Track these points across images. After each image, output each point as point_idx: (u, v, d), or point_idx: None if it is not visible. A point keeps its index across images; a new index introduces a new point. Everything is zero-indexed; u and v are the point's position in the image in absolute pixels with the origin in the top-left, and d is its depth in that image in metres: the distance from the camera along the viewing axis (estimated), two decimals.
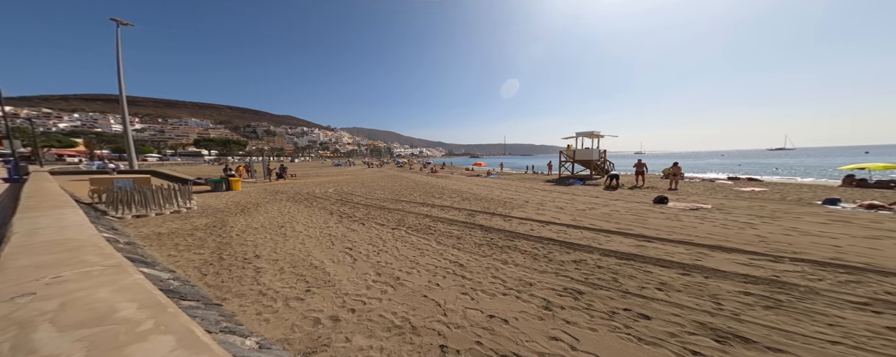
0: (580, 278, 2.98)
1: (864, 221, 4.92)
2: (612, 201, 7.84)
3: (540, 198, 8.69)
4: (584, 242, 4.18)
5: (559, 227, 5.17)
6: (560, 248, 4.02)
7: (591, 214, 6.14)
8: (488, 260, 3.57)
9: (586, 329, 2.04)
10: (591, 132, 16.23)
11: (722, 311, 2.18)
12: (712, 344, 1.77)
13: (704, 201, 7.42)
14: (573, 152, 16.55)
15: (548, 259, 3.60)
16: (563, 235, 4.59)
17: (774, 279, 2.71)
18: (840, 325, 1.96)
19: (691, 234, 4.40)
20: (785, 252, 3.44)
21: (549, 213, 6.34)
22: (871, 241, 3.83)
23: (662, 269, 3.09)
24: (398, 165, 39.33)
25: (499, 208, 7.08)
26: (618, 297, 2.52)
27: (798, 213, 5.67)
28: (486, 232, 4.94)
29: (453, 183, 14.08)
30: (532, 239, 4.47)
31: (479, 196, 9.20)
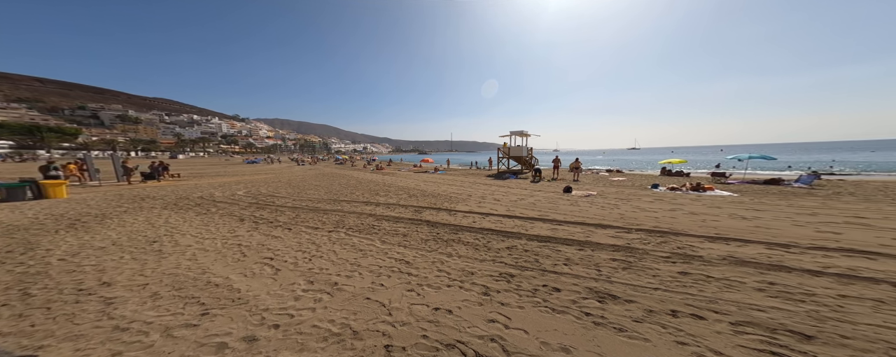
0: (512, 263, 3.39)
1: (669, 199, 7.36)
2: (536, 192, 9.14)
3: (481, 192, 9.36)
4: (515, 230, 4.83)
5: (496, 217, 5.79)
6: (497, 237, 4.50)
7: (520, 204, 7.04)
8: (434, 254, 3.67)
9: (516, 308, 2.36)
10: (521, 131, 18.75)
11: (601, 275, 2.90)
12: (596, 304, 2.34)
13: (593, 189, 9.60)
14: (508, 149, 18.78)
15: (487, 248, 3.94)
16: (499, 225, 5.17)
17: (627, 246, 3.78)
18: (658, 275, 2.91)
19: (585, 216, 5.65)
20: (632, 225, 4.85)
21: (489, 206, 6.95)
22: (672, 212, 5.76)
23: (567, 246, 3.88)
24: (338, 163, 35.46)
25: (445, 203, 7.30)
26: (538, 276, 3.01)
27: (639, 196, 7.98)
28: (432, 227, 5.03)
29: (400, 180, 13.69)
30: (474, 230, 4.82)
31: (426, 192, 9.24)
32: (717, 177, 12.42)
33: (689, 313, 2.09)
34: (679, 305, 2.21)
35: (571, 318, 2.17)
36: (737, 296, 2.36)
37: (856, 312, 2.08)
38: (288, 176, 15.73)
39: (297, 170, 22.25)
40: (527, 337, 1.95)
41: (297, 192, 9.43)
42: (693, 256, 3.30)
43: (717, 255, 3.32)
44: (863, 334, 1.83)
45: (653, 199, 7.39)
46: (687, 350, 1.68)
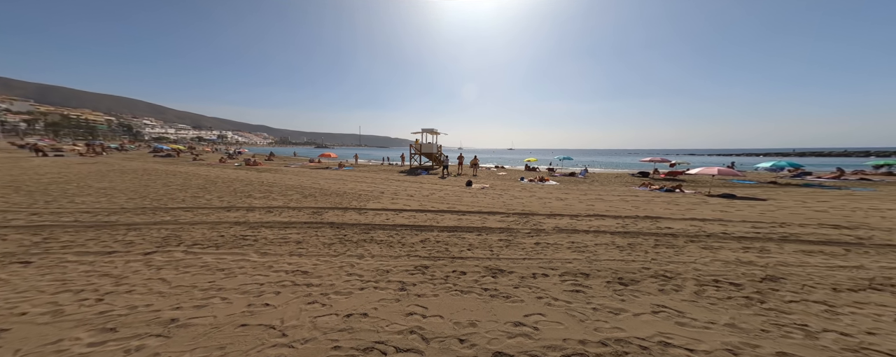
0: (425, 254, 3.59)
1: (529, 188, 10.04)
2: (445, 187, 9.94)
3: (395, 188, 9.20)
4: (428, 223, 5.14)
5: (410, 212, 5.91)
6: (411, 231, 4.62)
7: (432, 199, 7.48)
8: (342, 258, 3.35)
9: (431, 296, 2.55)
10: (432, 129, 19.72)
11: (493, 254, 3.62)
12: (491, 280, 2.91)
13: (487, 182, 11.62)
14: (420, 146, 19.30)
15: (401, 244, 3.97)
16: (413, 220, 5.32)
17: (508, 228, 4.94)
18: (524, 247, 3.96)
19: (482, 205, 6.79)
20: (510, 210, 6.32)
21: (402, 201, 6.98)
22: (530, 198, 7.91)
23: (469, 233, 4.57)
24: (158, 154, 24.02)
25: (353, 202, 6.71)
26: (448, 263, 3.36)
27: (513, 187, 10.42)
28: (337, 229, 4.53)
29: (288, 177, 11.25)
30: (387, 228, 4.73)
31: (328, 191, 8.13)
32: (551, 171, 18.52)
33: (542, 274, 3.02)
34: (536, 269, 3.14)
35: (475, 295, 2.59)
36: (560, 254, 3.63)
37: (602, 253, 3.81)
38: (16, 173, 9.34)
39: (40, 162, 13.79)
40: (442, 321, 2.17)
41: (50, 200, 5.93)
42: (541, 230, 4.75)
43: (551, 227, 4.95)
44: (605, 265, 3.35)
45: (521, 189, 9.88)
46: (542, 301, 2.44)
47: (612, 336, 1.91)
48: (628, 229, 4.77)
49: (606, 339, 1.88)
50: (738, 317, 2.09)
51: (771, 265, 3.09)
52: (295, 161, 23.65)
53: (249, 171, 13.77)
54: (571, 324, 2.09)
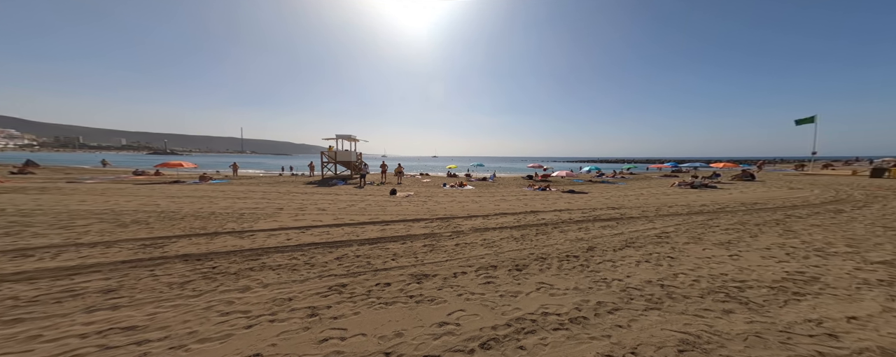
0: (343, 272, 3.27)
1: (450, 193, 10.93)
2: (366, 197, 9.29)
3: (299, 202, 7.85)
4: (346, 238, 4.61)
5: (322, 229, 5.11)
6: (323, 249, 4.03)
7: (350, 211, 6.83)
8: (209, 297, 2.59)
9: (352, 315, 2.35)
10: (349, 136, 17.82)
11: (418, 261, 3.71)
12: (416, 286, 2.97)
13: (411, 190, 11.75)
14: (334, 153, 16.96)
15: (310, 265, 3.47)
16: (327, 236, 4.64)
17: (431, 233, 5.20)
18: (447, 250, 4.28)
19: (406, 213, 6.81)
20: (434, 215, 6.70)
21: (311, 217, 6.01)
22: (451, 202, 8.58)
23: (393, 243, 4.48)
24: None
25: (229, 224, 5.29)
26: (371, 276, 3.19)
27: (437, 193, 11.06)
28: (196, 262, 3.47)
29: (78, 199, 7.69)
30: (289, 249, 3.96)
31: (178, 214, 6.06)
32: (468, 177, 21.00)
33: (461, 272, 3.36)
34: (457, 269, 3.46)
35: (400, 304, 2.58)
36: (475, 252, 4.19)
37: (505, 245, 4.67)
38: None
39: None
40: (365, 339, 2.03)
41: None
42: (460, 232, 5.30)
43: (468, 228, 5.62)
44: (507, 256, 4.16)
45: (443, 195, 10.64)
46: (462, 298, 2.71)
47: (514, 316, 2.38)
48: (520, 223, 6.05)
49: (510, 319, 2.33)
50: (578, 280, 3.12)
51: (590, 239, 4.79)
52: (98, 173, 15.36)
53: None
54: (485, 313, 2.45)
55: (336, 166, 17.40)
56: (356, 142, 18.39)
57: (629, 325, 2.20)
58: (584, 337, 2.06)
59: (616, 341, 1.98)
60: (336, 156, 16.91)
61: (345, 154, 17.35)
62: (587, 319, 2.30)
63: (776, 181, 15.18)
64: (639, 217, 6.61)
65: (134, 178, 14.66)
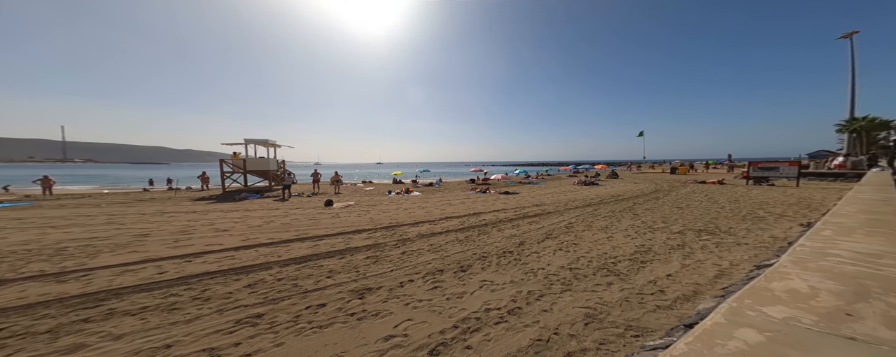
0: (258, 301, 2.67)
1: (396, 201, 10.49)
2: (292, 210, 7.88)
3: (182, 224, 6.04)
4: (261, 260, 3.74)
5: (222, 253, 3.99)
6: (224, 278, 3.17)
7: (268, 229, 5.63)
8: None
9: (273, 348, 1.94)
10: (265, 141, 14.76)
11: (360, 275, 3.36)
12: (358, 301, 2.68)
13: (352, 199, 10.67)
14: (243, 161, 13.66)
15: (202, 299, 2.71)
16: (231, 261, 3.66)
17: (375, 244, 4.83)
18: (392, 259, 4.05)
19: (345, 225, 6.10)
20: (378, 225, 6.26)
21: (203, 241, 4.66)
22: (397, 210, 8.19)
23: (329, 259, 3.92)
24: None
25: (33, 265, 3.72)
26: (300, 300, 2.70)
27: (382, 201, 10.49)
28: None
29: None
30: (162, 285, 3.00)
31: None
32: (415, 183, 20.79)
33: (408, 280, 3.24)
34: (404, 278, 3.32)
35: (339, 324, 2.27)
36: (422, 258, 4.14)
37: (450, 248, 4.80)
38: None
39: None
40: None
41: None
42: (407, 239, 5.14)
43: (415, 234, 5.54)
44: (453, 258, 4.31)
45: (389, 202, 10.13)
46: (410, 307, 2.60)
47: (460, 317, 2.45)
48: (464, 225, 6.37)
49: (456, 321, 2.38)
50: (513, 274, 3.53)
51: (520, 234, 5.53)
52: None
53: None
54: (433, 319, 2.42)
55: (246, 177, 14.03)
56: (276, 147, 15.40)
57: (551, 308, 2.63)
58: (520, 326, 2.32)
59: (543, 325, 2.32)
60: (246, 164, 13.66)
61: (259, 162, 14.25)
62: (521, 309, 2.61)
63: (629, 178, 21.62)
64: (554, 212, 8.07)
65: None
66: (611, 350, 1.97)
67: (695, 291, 2.87)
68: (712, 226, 5.80)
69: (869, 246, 1.45)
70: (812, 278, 1.16)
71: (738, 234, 5.11)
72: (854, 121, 24.31)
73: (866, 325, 0.79)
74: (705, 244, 4.53)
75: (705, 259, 3.85)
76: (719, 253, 4.10)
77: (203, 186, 15.10)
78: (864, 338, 0.75)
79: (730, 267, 3.52)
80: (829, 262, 1.25)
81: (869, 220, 2.02)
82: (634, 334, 2.13)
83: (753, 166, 14.66)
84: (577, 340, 2.09)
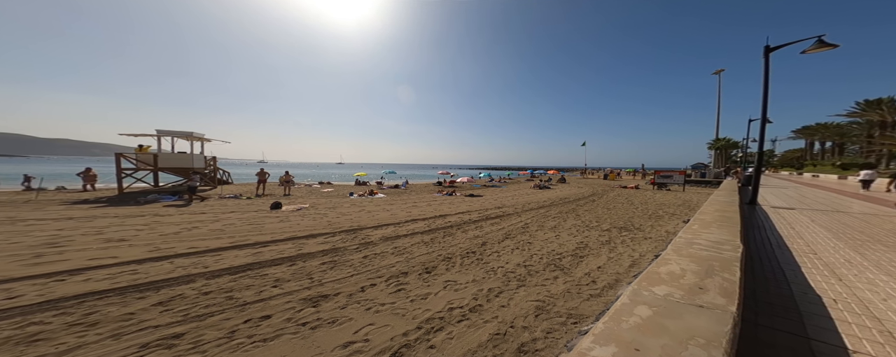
0: (175, 320, 2.26)
1: (358, 203, 9.86)
2: (225, 215, 6.75)
3: (48, 234, 4.72)
4: (179, 273, 3.11)
5: (116, 268, 3.20)
6: (121, 297, 2.58)
7: (189, 236, 4.72)
8: None
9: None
10: (190, 133, 12.32)
11: (314, 282, 3.08)
12: (312, 310, 2.45)
13: (305, 202, 9.60)
14: (153, 156, 11.12)
15: (84, 325, 2.20)
16: (132, 277, 2.96)
17: (333, 248, 4.49)
18: (352, 264, 3.84)
19: (296, 230, 5.47)
20: (336, 229, 5.83)
21: (85, 254, 3.70)
22: (360, 213, 7.76)
23: (276, 267, 3.47)
24: None
25: None
26: (236, 314, 2.34)
27: (342, 203, 9.76)
28: None
29: None
30: (14, 314, 2.29)
31: None
32: (380, 185, 19.88)
33: (370, 285, 3.10)
34: (365, 282, 3.16)
35: (288, 336, 2.06)
36: (386, 261, 4.00)
37: (415, 250, 4.78)
38: None
39: None
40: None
41: None
42: (369, 243, 4.90)
43: (378, 237, 5.31)
44: (418, 260, 4.27)
45: (350, 205, 9.45)
46: (371, 311, 2.50)
47: (424, 318, 2.45)
48: (430, 227, 6.39)
49: (420, 322, 2.38)
50: (476, 273, 3.69)
51: (483, 235, 5.84)
52: None
53: None
54: (396, 322, 2.37)
55: (157, 175, 11.42)
56: (203, 141, 12.98)
57: (508, 303, 2.84)
58: (480, 322, 2.45)
59: (501, 320, 2.50)
60: (157, 160, 11.14)
61: (179, 158, 11.78)
62: (482, 306, 2.75)
63: (575, 183, 24.84)
64: (513, 213, 8.72)
65: None
66: (555, 337, 2.24)
67: (616, 280, 3.47)
68: (630, 223, 7.08)
69: (718, 235, 2.00)
70: (683, 262, 1.52)
71: (646, 229, 6.37)
72: (718, 141, 33.41)
73: (709, 295, 1.09)
74: (624, 239, 5.51)
75: (624, 252, 4.68)
76: (633, 246, 5.04)
77: (86, 186, 11.55)
78: (708, 305, 1.04)
79: (640, 257, 4.36)
80: (694, 249, 1.69)
81: (720, 216, 2.79)
82: (574, 321, 2.47)
83: (658, 174, 18.51)
84: (528, 332, 2.32)
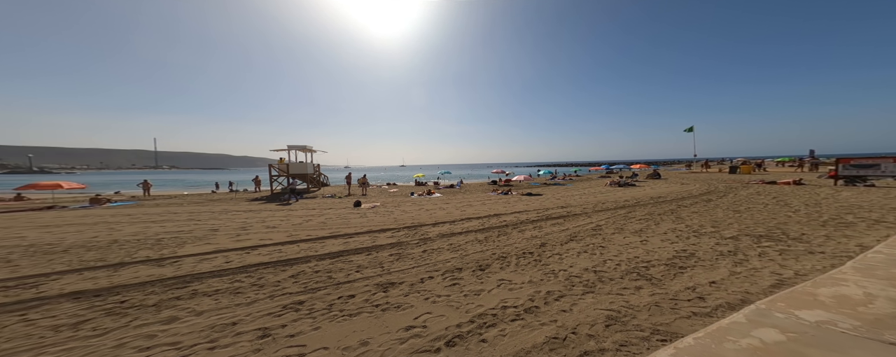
0: (299, 290, 3.06)
1: (418, 202, 10.86)
2: (326, 210, 8.71)
3: (241, 221, 7.04)
4: (302, 254, 4.27)
5: (271, 247, 4.65)
6: (274, 269, 3.70)
7: (307, 226, 6.32)
8: (115, 335, 2.26)
9: (311, 331, 2.24)
10: (304, 146, 16.53)
11: (384, 270, 3.66)
12: (382, 295, 2.94)
13: (377, 201, 11.33)
14: (287, 166, 15.54)
15: (258, 286, 3.17)
16: (278, 255, 4.24)
17: (398, 242, 5.09)
18: (413, 257, 4.30)
19: (371, 225, 6.55)
20: (400, 225, 6.62)
21: (258, 236, 5.44)
22: (419, 211, 8.51)
23: (357, 255, 4.30)
24: None
25: (142, 252, 4.57)
26: (333, 291, 3.04)
27: (404, 202, 10.96)
28: (94, 299, 2.96)
29: None
30: (228, 272, 3.57)
31: (53, 246, 4.99)
32: (436, 185, 21.21)
33: (428, 277, 3.43)
34: (424, 274, 3.52)
35: (365, 314, 2.54)
36: (442, 257, 4.30)
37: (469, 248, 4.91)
38: None
39: None
40: (328, 352, 1.98)
41: None
42: (427, 239, 5.37)
43: (436, 234, 5.74)
44: (472, 257, 4.39)
45: (411, 204, 10.56)
46: (429, 301, 2.78)
47: (477, 312, 2.55)
48: (484, 226, 6.41)
49: (473, 316, 2.49)
50: (532, 274, 3.50)
51: (542, 236, 5.39)
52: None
53: None
54: (451, 313, 2.57)
55: (289, 180, 15.83)
56: (312, 152, 17.12)
57: (571, 308, 2.59)
58: (536, 324, 2.35)
59: (561, 325, 2.32)
60: (289, 168, 15.43)
61: (299, 166, 15.98)
62: (538, 308, 2.62)
63: (675, 179, 19.31)
64: (581, 213, 7.66)
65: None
66: (632, 352, 1.90)
67: (742, 300, 2.58)
68: (778, 232, 5.01)
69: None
70: (873, 286, 1.06)
71: (813, 241, 4.35)
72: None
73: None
74: (765, 251, 3.97)
75: (763, 267, 3.39)
76: (783, 261, 3.56)
77: (256, 189, 17.39)
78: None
79: (794, 276, 3.06)
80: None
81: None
82: (661, 338, 2.02)
83: (844, 163, 12.03)
84: (595, 341, 2.06)
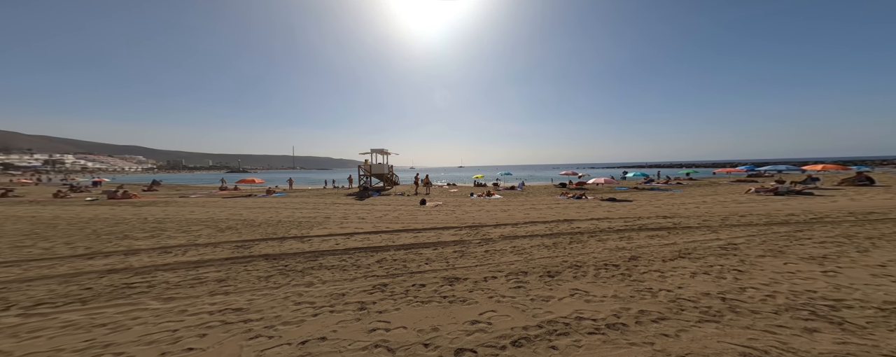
0: (383, 273, 3.62)
1: (478, 202, 10.81)
2: (399, 206, 9.90)
3: (343, 212, 8.80)
4: (383, 243, 5.08)
5: (363, 235, 5.73)
6: (366, 253, 4.51)
7: (385, 220, 7.40)
8: (286, 289, 3.12)
9: (393, 311, 2.62)
10: (382, 150, 19.61)
11: (449, 265, 3.89)
12: (448, 288, 3.14)
13: (440, 200, 12.10)
14: (369, 167, 18.83)
15: (356, 266, 3.89)
16: (367, 242, 5.18)
17: (460, 240, 5.27)
18: (476, 256, 4.34)
19: (436, 222, 7.09)
20: (462, 223, 6.83)
21: (353, 225, 6.73)
22: (479, 211, 8.50)
23: (426, 249, 4.74)
24: None
25: (292, 230, 6.21)
26: (408, 278, 3.47)
27: (464, 202, 11.17)
28: (275, 261, 4.15)
29: (189, 210, 9.59)
30: (338, 253, 4.53)
31: (255, 221, 7.27)
32: (496, 186, 20.67)
33: (491, 276, 3.43)
34: (487, 273, 3.55)
35: (435, 303, 2.79)
36: (505, 258, 4.19)
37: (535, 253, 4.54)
38: None
39: None
40: (406, 331, 2.27)
41: None
42: (489, 239, 5.32)
43: (497, 235, 5.61)
44: (538, 263, 4.05)
45: (471, 204, 10.73)
46: (493, 300, 2.80)
47: (545, 319, 2.39)
48: (553, 231, 5.83)
49: (541, 322, 2.35)
50: (618, 289, 2.94)
51: (633, 248, 4.39)
52: (198, 189, 19.56)
53: (117, 205, 10.78)
54: (516, 314, 2.51)
55: (370, 178, 19.04)
56: (388, 155, 20.01)
57: (677, 334, 2.05)
58: (623, 342, 1.99)
59: (660, 349, 1.87)
60: (371, 169, 18.59)
61: (378, 167, 18.99)
62: (627, 326, 2.20)
63: None
64: (698, 226, 5.83)
65: (220, 192, 17.97)
66: None
67: None
68: None
69: None
70: None
71: None
72: None
73: None
74: None
75: None
76: None
77: (349, 186, 21.94)
78: None
79: None
80: None
81: None
82: None
83: None
84: None
